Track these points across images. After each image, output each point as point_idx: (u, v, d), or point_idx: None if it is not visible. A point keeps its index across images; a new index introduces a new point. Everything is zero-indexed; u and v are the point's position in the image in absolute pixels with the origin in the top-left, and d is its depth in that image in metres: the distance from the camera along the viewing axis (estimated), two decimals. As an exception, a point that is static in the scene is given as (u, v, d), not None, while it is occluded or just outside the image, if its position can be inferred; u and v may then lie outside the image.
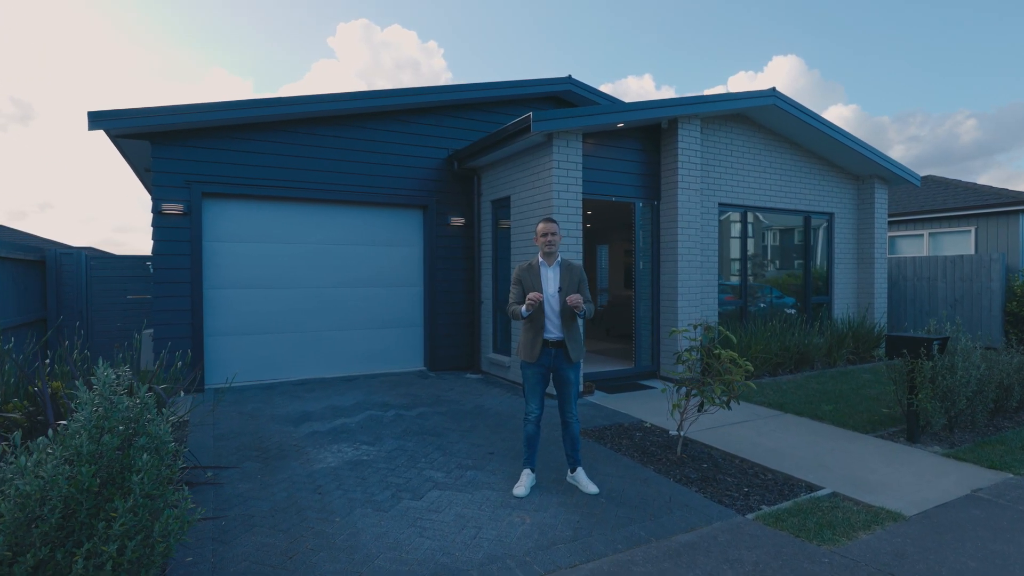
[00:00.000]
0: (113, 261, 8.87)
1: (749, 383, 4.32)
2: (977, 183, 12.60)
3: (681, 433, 4.52)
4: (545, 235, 3.84)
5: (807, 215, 9.06)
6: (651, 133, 7.42)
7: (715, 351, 4.33)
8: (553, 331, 3.80)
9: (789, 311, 8.95)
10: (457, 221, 8.16)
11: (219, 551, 2.95)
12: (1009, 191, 11.52)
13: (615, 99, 8.89)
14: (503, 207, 7.64)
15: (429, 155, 8.01)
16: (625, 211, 8.46)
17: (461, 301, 8.25)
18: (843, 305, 9.45)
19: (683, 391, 4.44)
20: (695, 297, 7.34)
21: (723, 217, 8.12)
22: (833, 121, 8.48)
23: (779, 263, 9.19)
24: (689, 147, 7.28)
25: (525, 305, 3.65)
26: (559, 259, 3.90)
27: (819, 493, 3.79)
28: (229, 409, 5.84)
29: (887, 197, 9.73)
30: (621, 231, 13.05)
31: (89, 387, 2.04)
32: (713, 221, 7.83)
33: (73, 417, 1.95)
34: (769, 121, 8.27)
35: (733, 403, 4.31)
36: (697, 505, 3.57)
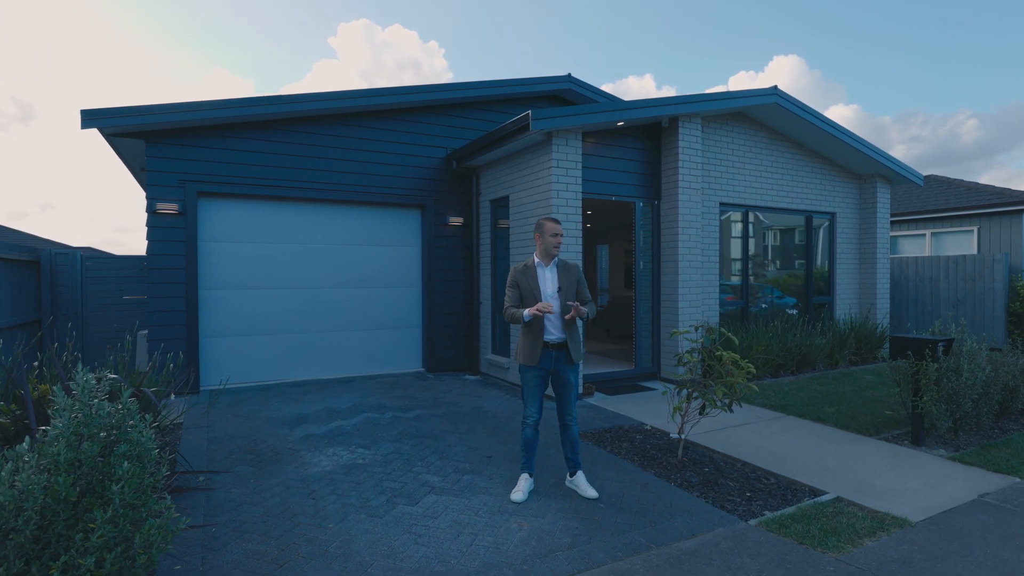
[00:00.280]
0: (109, 261, 8.79)
1: (751, 385, 4.24)
2: (979, 183, 12.52)
3: (682, 436, 4.45)
4: (556, 235, 3.75)
5: (809, 215, 8.98)
6: (652, 132, 7.34)
7: (716, 353, 4.26)
8: (554, 332, 3.71)
9: (791, 312, 8.87)
10: (455, 221, 8.08)
11: (208, 559, 2.87)
12: (1012, 191, 11.44)
13: (615, 98, 8.81)
14: (502, 207, 7.57)
15: (427, 154, 7.93)
16: (625, 211, 8.38)
17: (460, 302, 8.17)
18: (845, 306, 9.37)
19: (684, 393, 4.37)
20: (696, 298, 7.26)
21: (724, 217, 8.04)
22: (834, 121, 8.40)
23: (780, 263, 9.11)
24: (690, 146, 7.20)
25: (529, 311, 3.54)
26: (555, 259, 3.82)
27: (823, 498, 3.71)
28: (224, 411, 5.77)
29: (889, 197, 9.65)
30: (621, 231, 12.96)
31: (68, 392, 1.97)
32: (714, 221, 7.76)
33: (51, 424, 1.88)
34: (771, 120, 8.19)
35: (735, 405, 4.24)
36: (698, 511, 3.50)
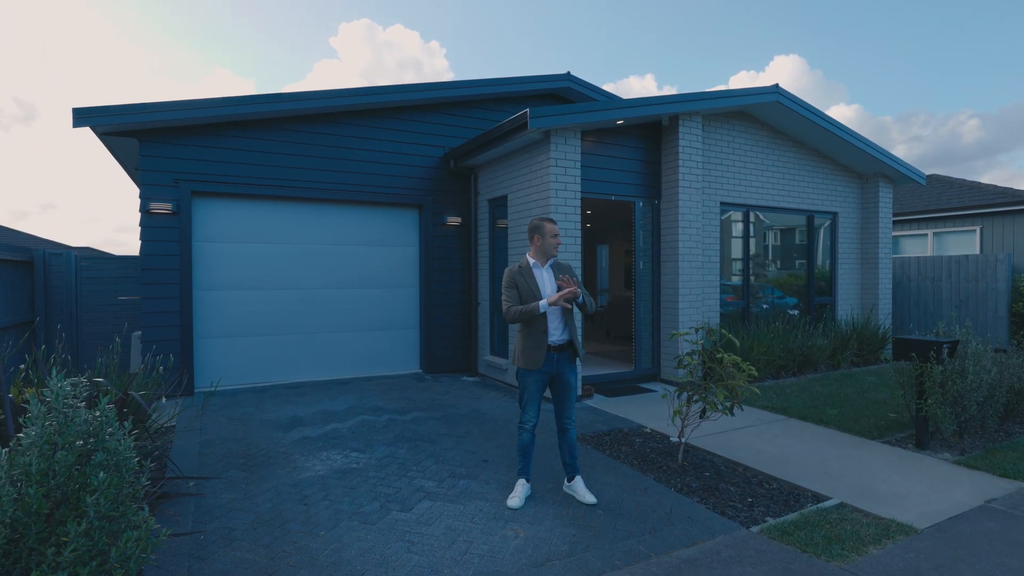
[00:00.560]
0: (104, 262, 8.71)
1: (752, 388, 4.16)
2: (981, 182, 12.44)
3: (682, 440, 4.37)
4: (556, 236, 3.68)
5: (810, 214, 8.89)
6: (652, 131, 7.26)
7: (717, 355, 4.18)
8: (556, 334, 3.63)
9: (792, 312, 8.79)
10: (453, 221, 8.00)
11: (195, 568, 2.80)
12: (1015, 190, 11.35)
13: (614, 96, 8.73)
14: (500, 206, 7.49)
15: (425, 153, 7.85)
16: (625, 210, 8.30)
17: (458, 302, 8.09)
18: (847, 306, 9.29)
19: (684, 396, 4.29)
20: (696, 298, 7.18)
21: (725, 216, 7.95)
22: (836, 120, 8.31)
23: (781, 263, 9.03)
24: (690, 145, 7.12)
25: (549, 300, 3.42)
26: (551, 260, 3.76)
27: (826, 504, 3.63)
28: (218, 414, 5.69)
29: (892, 196, 9.57)
30: (621, 231, 12.88)
31: (41, 399, 1.89)
32: (715, 220, 7.68)
33: (24, 432, 1.80)
34: (772, 118, 8.11)
35: (736, 408, 4.16)
36: (699, 517, 3.42)
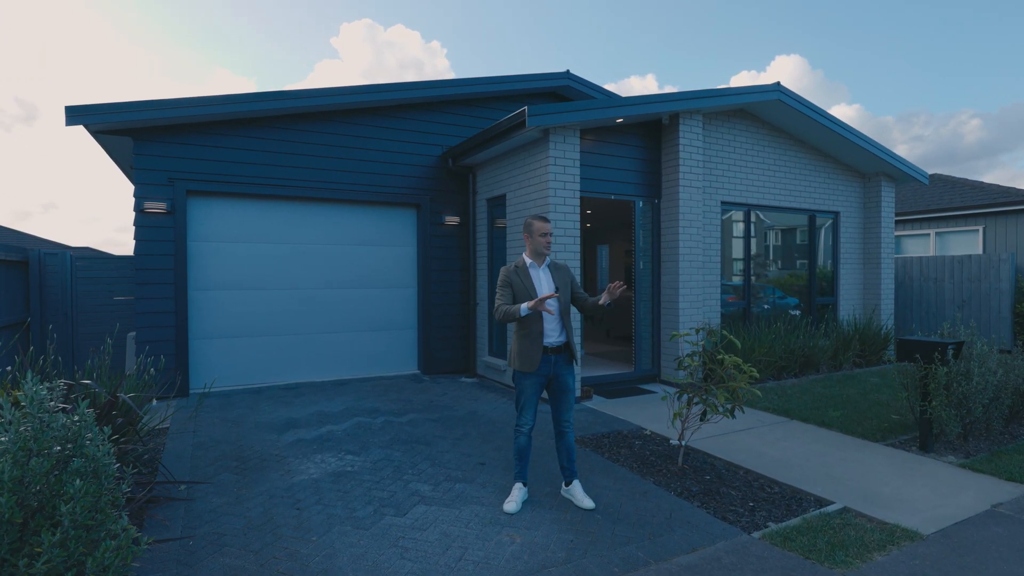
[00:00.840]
0: (101, 262, 8.65)
1: (754, 390, 4.09)
2: (984, 182, 12.36)
3: (682, 442, 4.30)
4: (545, 235, 3.61)
5: (812, 214, 8.82)
6: (652, 129, 7.19)
7: (718, 356, 4.11)
8: (553, 336, 3.56)
9: (793, 312, 8.71)
10: (452, 220, 7.93)
11: (182, 575, 2.73)
12: (1018, 190, 11.27)
13: (614, 94, 8.66)
14: (499, 206, 7.42)
15: (423, 152, 7.78)
16: (625, 210, 8.22)
17: (456, 303, 8.02)
18: (849, 306, 9.21)
19: (685, 399, 4.21)
20: (697, 298, 7.10)
21: (726, 216, 7.88)
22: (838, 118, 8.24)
23: (783, 263, 8.95)
24: (691, 143, 7.04)
25: (528, 304, 3.31)
26: (547, 259, 3.69)
27: (829, 508, 3.56)
28: (212, 415, 5.62)
29: (894, 195, 9.49)
30: (621, 230, 12.79)
31: (16, 404, 1.82)
32: (715, 220, 7.60)
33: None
34: (773, 117, 8.03)
35: (737, 410, 4.08)
36: (699, 522, 3.34)
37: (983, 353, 4.79)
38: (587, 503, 3.52)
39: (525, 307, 3.35)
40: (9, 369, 3.36)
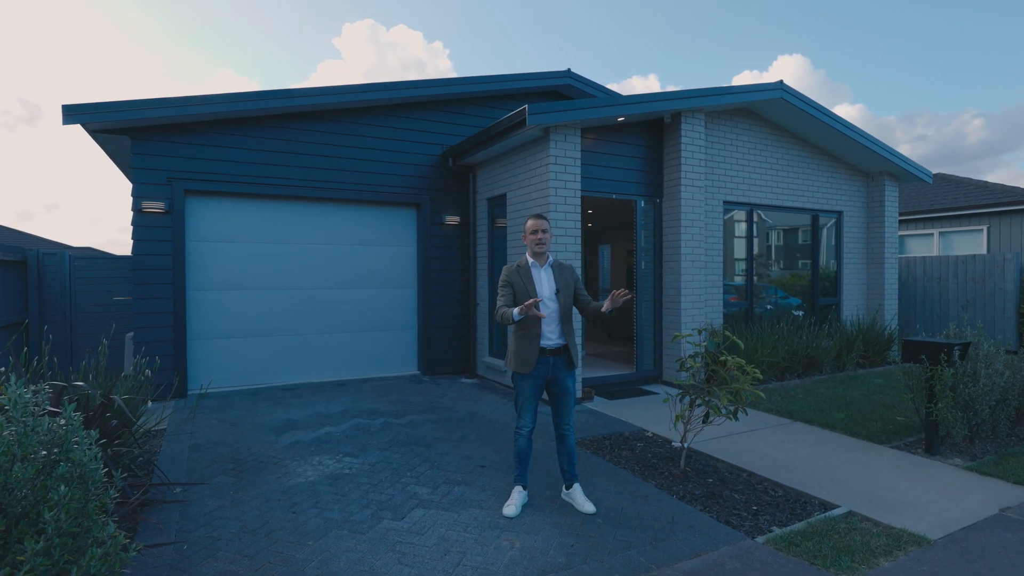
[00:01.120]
0: (100, 262, 8.61)
1: (758, 392, 4.03)
2: (988, 181, 12.28)
3: (685, 445, 4.24)
4: (535, 232, 3.53)
5: (815, 213, 8.75)
6: (653, 128, 7.13)
7: (721, 357, 4.05)
8: (551, 337, 3.49)
9: (796, 313, 8.65)
10: (452, 220, 7.88)
11: (175, 581, 2.68)
12: (1022, 189, 11.19)
13: (616, 93, 8.60)
14: (499, 205, 7.36)
15: (423, 151, 7.73)
16: (626, 209, 8.16)
17: (456, 303, 7.97)
18: (852, 307, 9.14)
19: (687, 400, 4.16)
20: (699, 298, 7.04)
21: (728, 216, 7.82)
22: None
23: (785, 263, 8.89)
24: (693, 142, 6.98)
25: (519, 309, 3.27)
26: (550, 259, 3.61)
27: (834, 512, 3.50)
28: (210, 416, 5.57)
29: (898, 195, 9.42)
30: (623, 230, 12.73)
31: (0, 408, 1.78)
32: (718, 220, 7.54)
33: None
34: (776, 116, 7.97)
35: (740, 412, 4.03)
36: (702, 526, 3.29)
37: (990, 354, 4.73)
38: (588, 507, 3.46)
39: (517, 312, 3.29)
40: (2, 370, 3.31)
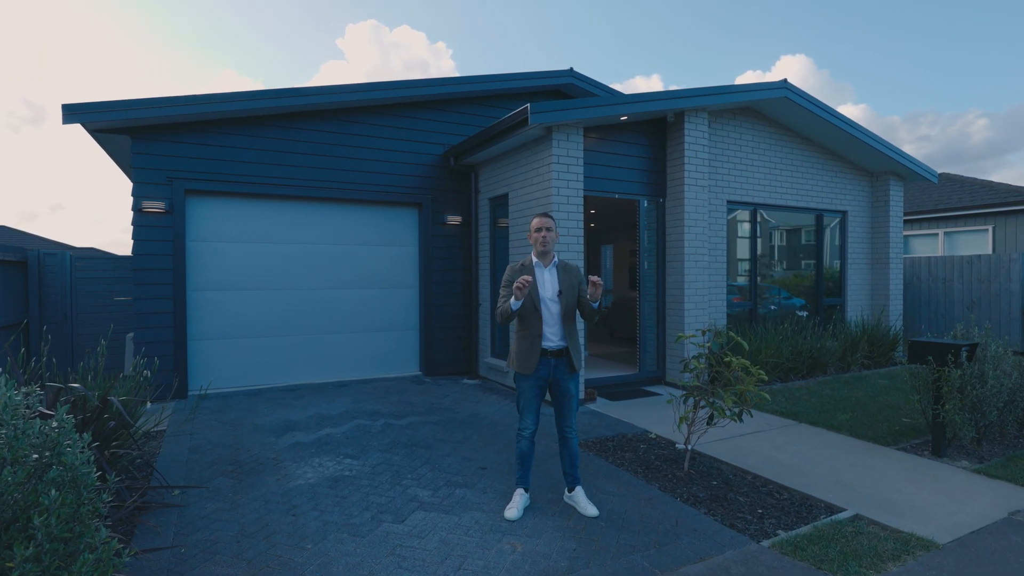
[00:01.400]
0: (101, 262, 8.59)
1: (762, 393, 3.98)
2: (993, 181, 12.20)
3: (688, 447, 4.19)
4: (539, 230, 3.49)
5: (819, 213, 8.69)
6: (656, 127, 7.08)
7: (725, 358, 4.00)
8: (553, 339, 3.45)
9: (800, 313, 8.59)
10: (454, 220, 7.84)
11: (172, 585, 2.64)
12: (1028, 188, 11.11)
13: (618, 92, 8.55)
14: (501, 205, 7.32)
15: (424, 151, 7.69)
16: (629, 209, 8.11)
17: (458, 303, 7.93)
18: (857, 307, 9.08)
19: (691, 402, 4.11)
20: (702, 299, 6.99)
21: (731, 215, 7.76)
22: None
23: (789, 263, 8.83)
24: (696, 142, 6.93)
25: (514, 294, 3.23)
26: (555, 260, 3.57)
27: (840, 516, 3.45)
28: (210, 417, 5.54)
29: (902, 194, 9.35)
30: (625, 230, 12.69)
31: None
32: (721, 219, 7.49)
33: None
34: (780, 115, 7.92)
35: (744, 413, 3.98)
36: (707, 530, 3.24)
37: (998, 355, 4.67)
38: (591, 510, 3.42)
39: (512, 301, 3.29)
40: (0, 371, 3.28)
